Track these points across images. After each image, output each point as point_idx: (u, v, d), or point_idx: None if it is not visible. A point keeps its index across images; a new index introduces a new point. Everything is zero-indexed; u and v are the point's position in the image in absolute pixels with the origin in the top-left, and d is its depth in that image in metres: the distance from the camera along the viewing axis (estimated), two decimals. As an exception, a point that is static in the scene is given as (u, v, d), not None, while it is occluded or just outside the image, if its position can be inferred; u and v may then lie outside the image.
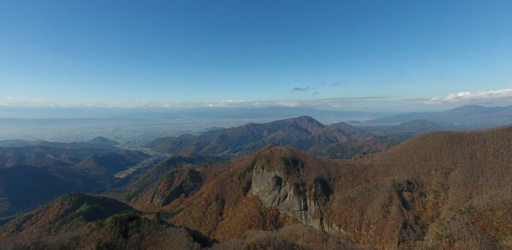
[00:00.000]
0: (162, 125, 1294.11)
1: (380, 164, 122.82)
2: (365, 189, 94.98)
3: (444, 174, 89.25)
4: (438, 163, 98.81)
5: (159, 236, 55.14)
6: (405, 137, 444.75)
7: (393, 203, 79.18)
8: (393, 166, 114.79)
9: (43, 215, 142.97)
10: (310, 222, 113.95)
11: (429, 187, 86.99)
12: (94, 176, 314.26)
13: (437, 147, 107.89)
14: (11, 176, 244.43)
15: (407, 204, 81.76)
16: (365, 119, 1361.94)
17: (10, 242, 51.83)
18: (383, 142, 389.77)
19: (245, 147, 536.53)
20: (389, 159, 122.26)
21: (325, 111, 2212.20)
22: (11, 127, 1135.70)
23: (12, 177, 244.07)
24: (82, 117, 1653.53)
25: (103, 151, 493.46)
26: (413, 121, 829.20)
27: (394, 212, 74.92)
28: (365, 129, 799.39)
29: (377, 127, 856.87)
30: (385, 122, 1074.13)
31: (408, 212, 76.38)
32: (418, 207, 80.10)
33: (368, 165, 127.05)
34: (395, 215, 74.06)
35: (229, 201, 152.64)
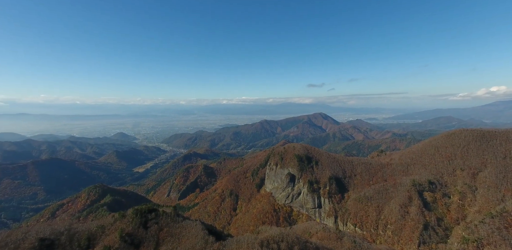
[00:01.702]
0: (178, 121, 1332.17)
1: (399, 162, 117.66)
2: (382, 188, 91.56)
3: (471, 174, 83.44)
4: (465, 162, 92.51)
5: (176, 228, 57.27)
6: (427, 134, 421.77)
7: (413, 204, 75.57)
8: (413, 165, 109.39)
9: (73, 204, 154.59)
10: (324, 220, 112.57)
11: (454, 187, 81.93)
12: (115, 170, 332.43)
13: (464, 145, 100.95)
14: (46, 168, 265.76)
15: (428, 205, 77.73)
16: (383, 116, 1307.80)
17: (47, 227, 57.20)
18: (402, 140, 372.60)
19: (258, 143, 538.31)
20: (408, 158, 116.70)
21: (340, 108, 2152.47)
22: (45, 123, 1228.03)
23: (46, 169, 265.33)
24: (104, 114, 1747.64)
25: (123, 146, 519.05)
26: (437, 119, 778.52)
27: (414, 212, 71.53)
28: (383, 126, 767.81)
29: (396, 124, 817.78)
30: (405, 120, 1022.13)
31: (429, 213, 72.57)
32: (441, 208, 75.81)
33: (386, 164, 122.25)
34: (415, 215, 70.70)
35: (242, 197, 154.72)
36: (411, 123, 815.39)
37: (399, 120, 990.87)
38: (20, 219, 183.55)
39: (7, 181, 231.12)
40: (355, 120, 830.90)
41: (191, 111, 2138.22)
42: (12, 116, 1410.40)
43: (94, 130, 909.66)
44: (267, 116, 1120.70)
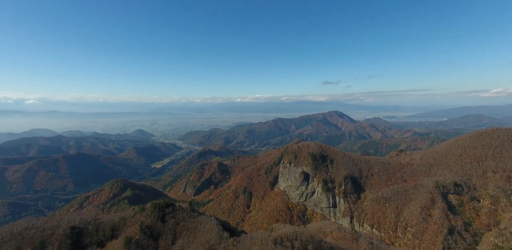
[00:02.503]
0: (193, 119, 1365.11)
1: (420, 163, 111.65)
2: (401, 189, 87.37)
3: (506, 177, 76.89)
4: (498, 164, 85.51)
5: (192, 223, 58.97)
6: (452, 133, 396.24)
7: (436, 206, 71.19)
8: (437, 166, 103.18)
9: (98, 197, 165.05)
10: (339, 220, 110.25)
11: (485, 191, 76.11)
12: (135, 165, 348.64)
13: (497, 146, 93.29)
14: (74, 162, 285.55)
15: (453, 209, 72.84)
16: (403, 115, 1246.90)
17: (76, 216, 62.29)
18: (424, 139, 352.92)
19: (272, 141, 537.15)
20: (431, 158, 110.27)
21: (357, 106, 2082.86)
22: (72, 120, 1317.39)
23: (75, 163, 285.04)
24: (124, 111, 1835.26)
25: (142, 142, 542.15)
26: (465, 117, 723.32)
27: (437, 216, 67.39)
28: (402, 124, 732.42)
29: (418, 122, 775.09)
30: (428, 118, 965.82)
31: (455, 217, 67.92)
32: (468, 212, 70.62)
33: (406, 164, 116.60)
34: (438, 219, 66.60)
35: (256, 194, 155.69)
36: (435, 121, 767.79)
37: (420, 119, 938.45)
38: (53, 208, 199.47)
39: (43, 173, 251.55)
40: (372, 119, 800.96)
41: (205, 109, 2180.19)
42: (45, 114, 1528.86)
43: (115, 127, 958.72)
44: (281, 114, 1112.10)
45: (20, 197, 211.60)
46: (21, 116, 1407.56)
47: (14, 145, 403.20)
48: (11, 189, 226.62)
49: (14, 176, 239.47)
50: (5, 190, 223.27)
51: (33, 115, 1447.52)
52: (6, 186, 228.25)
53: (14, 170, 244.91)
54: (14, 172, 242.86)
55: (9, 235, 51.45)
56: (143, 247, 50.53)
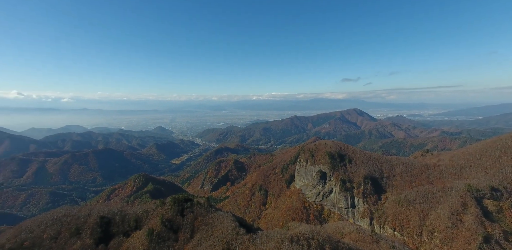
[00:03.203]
0: (210, 116, 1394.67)
1: (449, 164, 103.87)
2: (427, 192, 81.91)
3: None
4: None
5: (209, 218, 60.65)
6: (489, 133, 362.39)
7: (469, 212, 65.53)
8: (469, 168, 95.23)
9: (123, 190, 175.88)
10: (358, 221, 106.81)
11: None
12: (155, 161, 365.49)
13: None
14: (102, 156, 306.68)
15: (490, 215, 66.63)
16: (429, 113, 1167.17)
17: (105, 207, 67.62)
18: (454, 139, 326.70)
19: (288, 139, 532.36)
20: (463, 159, 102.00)
21: (378, 104, 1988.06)
22: (100, 117, 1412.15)
23: (102, 157, 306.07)
24: (146, 109, 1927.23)
25: (162, 139, 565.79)
26: (504, 115, 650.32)
27: (470, 222, 62.04)
28: (429, 123, 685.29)
29: (447, 121, 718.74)
30: (459, 116, 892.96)
31: (492, 225, 61.97)
32: (509, 220, 64.28)
33: (433, 165, 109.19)
34: (471, 225, 61.24)
35: (272, 192, 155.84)
36: (467, 120, 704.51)
37: (450, 117, 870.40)
38: (85, 198, 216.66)
39: (76, 166, 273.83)
40: (395, 117, 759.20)
41: (222, 107, 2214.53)
42: (77, 111, 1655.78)
43: (138, 124, 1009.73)
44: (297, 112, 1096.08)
45: (58, 187, 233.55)
46: (57, 113, 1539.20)
47: (52, 139, 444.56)
48: (51, 179, 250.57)
49: (53, 168, 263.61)
50: (46, 180, 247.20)
51: (67, 113, 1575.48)
52: (47, 177, 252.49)
53: (53, 163, 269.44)
54: (53, 164, 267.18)
55: (51, 221, 57.85)
56: (164, 239, 53.07)
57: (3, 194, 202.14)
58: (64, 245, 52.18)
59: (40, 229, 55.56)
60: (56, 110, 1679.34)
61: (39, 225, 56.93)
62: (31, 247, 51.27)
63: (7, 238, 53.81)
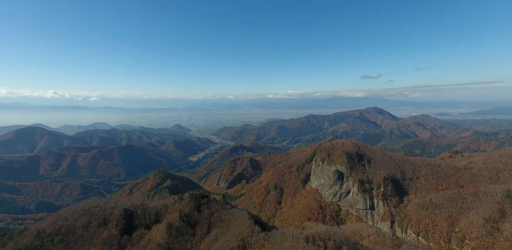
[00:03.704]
0: (226, 115, 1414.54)
1: (483, 167, 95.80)
2: (457, 196, 76.18)
3: None
4: None
5: (225, 215, 61.76)
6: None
7: (508, 220, 59.66)
8: (508, 172, 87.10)
9: (144, 185, 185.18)
10: (378, 224, 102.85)
11: None
12: (174, 157, 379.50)
13: None
14: (125, 152, 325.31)
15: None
16: (460, 111, 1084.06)
17: (128, 201, 72.06)
18: (490, 140, 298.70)
19: (304, 138, 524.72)
20: (500, 162, 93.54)
21: (400, 102, 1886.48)
22: (123, 115, 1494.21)
23: (125, 153, 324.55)
24: (165, 107, 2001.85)
25: (180, 136, 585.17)
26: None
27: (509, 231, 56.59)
28: (459, 122, 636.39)
29: (482, 120, 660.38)
30: (497, 115, 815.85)
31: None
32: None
33: (463, 167, 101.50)
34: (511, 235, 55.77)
35: (287, 191, 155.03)
36: (507, 119, 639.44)
37: (485, 116, 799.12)
38: (110, 191, 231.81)
39: (102, 161, 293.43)
40: (419, 116, 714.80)
41: (238, 105, 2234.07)
42: (103, 109, 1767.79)
43: (157, 122, 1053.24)
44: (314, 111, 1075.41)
45: (87, 180, 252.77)
46: (86, 111, 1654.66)
47: (82, 135, 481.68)
48: (81, 172, 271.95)
49: (83, 162, 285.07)
50: (77, 173, 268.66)
51: (94, 111, 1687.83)
52: (78, 170, 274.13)
53: (83, 157, 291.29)
54: (83, 159, 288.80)
55: (82, 211, 63.45)
56: (182, 233, 55.12)
57: (43, 184, 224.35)
58: (94, 234, 56.39)
59: (73, 218, 60.70)
60: (86, 108, 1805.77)
61: (73, 214, 62.27)
62: (66, 234, 56.28)
63: (48, 224, 60.27)
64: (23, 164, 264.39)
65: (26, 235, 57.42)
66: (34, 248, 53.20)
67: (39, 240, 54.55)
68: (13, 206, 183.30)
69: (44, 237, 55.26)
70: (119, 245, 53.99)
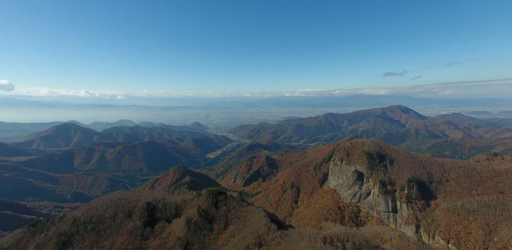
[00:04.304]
0: (243, 113, 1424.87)
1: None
2: (496, 202, 69.19)
3: None
4: None
5: (242, 212, 62.46)
6: None
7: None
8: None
9: (164, 180, 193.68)
10: (401, 227, 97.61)
11: None
12: (192, 154, 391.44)
13: None
14: (147, 148, 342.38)
15: None
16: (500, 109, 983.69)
17: (150, 194, 76.17)
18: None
19: (322, 137, 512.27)
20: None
21: (428, 100, 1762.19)
22: (146, 112, 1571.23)
23: (148, 149, 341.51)
24: (184, 105, 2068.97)
25: (198, 134, 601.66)
26: None
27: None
28: (499, 122, 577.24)
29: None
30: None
31: None
32: None
33: (503, 171, 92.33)
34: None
35: (304, 190, 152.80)
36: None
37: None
38: (134, 185, 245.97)
39: (127, 156, 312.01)
40: (449, 114, 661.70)
41: (255, 103, 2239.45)
42: (127, 107, 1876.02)
43: (177, 119, 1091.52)
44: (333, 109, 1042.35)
45: (114, 173, 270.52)
46: (113, 109, 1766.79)
47: (109, 132, 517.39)
48: (109, 166, 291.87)
49: (110, 157, 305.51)
50: (105, 167, 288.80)
51: (120, 108, 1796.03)
52: (106, 164, 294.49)
53: (110, 152, 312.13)
54: (110, 154, 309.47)
55: (110, 202, 68.57)
56: (200, 228, 56.79)
57: (77, 176, 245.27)
58: (120, 224, 60.31)
59: (102, 209, 65.54)
60: (113, 106, 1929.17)
61: (102, 205, 67.27)
62: (97, 223, 61.00)
63: (82, 213, 66.23)
64: (61, 157, 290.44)
65: (64, 222, 63.45)
66: (71, 234, 58.62)
67: (75, 227, 59.86)
68: (53, 195, 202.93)
69: (79, 224, 60.50)
70: (143, 236, 57.11)
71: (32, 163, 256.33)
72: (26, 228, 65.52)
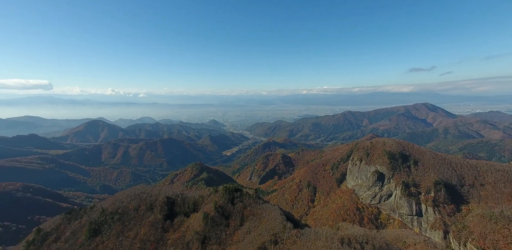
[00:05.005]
0: (259, 111, 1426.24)
1: None
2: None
3: None
4: None
5: (257, 209, 62.66)
6: None
7: None
8: None
9: (183, 175, 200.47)
10: (427, 232, 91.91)
11: None
12: (209, 151, 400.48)
13: None
14: (167, 145, 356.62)
15: None
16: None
17: (169, 189, 79.52)
18: None
19: (340, 136, 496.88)
20: None
21: (460, 97, 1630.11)
22: (165, 110, 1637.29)
23: (167, 146, 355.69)
24: (202, 103, 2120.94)
25: (215, 131, 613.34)
26: None
27: None
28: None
29: None
30: None
31: None
32: None
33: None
34: None
35: (321, 189, 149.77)
36: None
37: None
38: (155, 180, 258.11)
39: (148, 152, 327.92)
40: (486, 113, 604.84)
41: (271, 101, 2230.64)
42: (149, 105, 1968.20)
43: (195, 117, 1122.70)
44: (352, 107, 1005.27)
45: (137, 168, 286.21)
46: (136, 106, 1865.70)
47: (132, 128, 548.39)
48: (132, 161, 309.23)
49: (133, 152, 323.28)
50: (129, 162, 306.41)
51: (142, 106, 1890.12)
52: (129, 159, 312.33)
53: (133, 148, 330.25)
54: (133, 149, 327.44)
55: (134, 195, 72.91)
56: (217, 223, 57.96)
57: (104, 170, 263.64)
58: (143, 216, 63.61)
59: (127, 201, 69.64)
60: (136, 104, 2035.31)
61: (126, 198, 71.50)
62: (122, 214, 65.05)
63: (109, 204, 71.28)
64: (91, 151, 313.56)
65: (94, 211, 68.67)
66: (100, 223, 63.32)
67: (104, 216, 64.48)
68: (85, 186, 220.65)
69: (107, 214, 65.05)
70: (163, 228, 59.68)
71: (67, 156, 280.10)
72: (63, 215, 72.36)
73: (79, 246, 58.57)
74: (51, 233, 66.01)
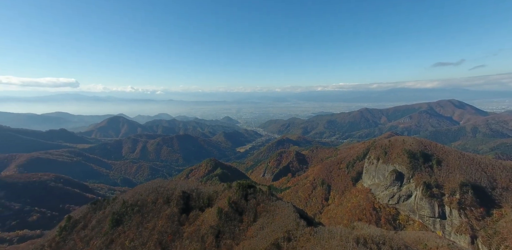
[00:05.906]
0: (273, 108, 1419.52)
1: None
2: None
3: None
4: None
5: (271, 206, 62.70)
6: None
7: None
8: None
9: (198, 171, 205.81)
10: (451, 236, 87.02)
11: None
12: (223, 148, 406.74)
13: None
14: (182, 141, 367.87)
15: None
16: None
17: (185, 184, 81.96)
18: None
19: (356, 134, 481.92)
20: None
21: (492, 93, 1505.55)
22: (181, 107, 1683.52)
23: (183, 141, 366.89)
24: (216, 100, 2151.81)
25: (229, 128, 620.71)
26: None
27: None
28: None
29: None
30: None
31: None
32: None
33: None
34: None
35: (335, 188, 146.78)
36: None
37: None
38: (171, 174, 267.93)
39: (165, 147, 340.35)
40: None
41: (285, 98, 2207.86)
42: (165, 102, 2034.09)
43: (209, 114, 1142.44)
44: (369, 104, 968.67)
45: (154, 163, 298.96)
46: (154, 103, 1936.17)
47: (150, 124, 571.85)
48: (150, 156, 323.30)
49: (151, 147, 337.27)
50: (147, 157, 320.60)
51: (159, 103, 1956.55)
52: (147, 154, 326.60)
53: (151, 143, 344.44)
54: (151, 145, 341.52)
55: (151, 189, 76.24)
56: (231, 218, 58.90)
57: (125, 164, 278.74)
58: (160, 209, 66.31)
59: (145, 194, 72.99)
60: (153, 100, 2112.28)
61: (145, 191, 74.92)
62: (141, 206, 68.42)
63: (129, 196, 75.22)
64: (112, 146, 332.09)
65: (116, 203, 72.85)
66: (122, 214, 67.14)
67: (125, 208, 68.24)
68: (107, 179, 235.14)
69: (127, 206, 68.75)
70: (179, 221, 61.80)
71: (92, 150, 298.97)
72: (89, 205, 77.73)
73: (104, 235, 62.50)
74: (79, 221, 71.11)
